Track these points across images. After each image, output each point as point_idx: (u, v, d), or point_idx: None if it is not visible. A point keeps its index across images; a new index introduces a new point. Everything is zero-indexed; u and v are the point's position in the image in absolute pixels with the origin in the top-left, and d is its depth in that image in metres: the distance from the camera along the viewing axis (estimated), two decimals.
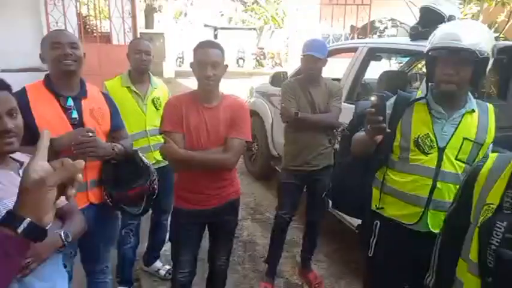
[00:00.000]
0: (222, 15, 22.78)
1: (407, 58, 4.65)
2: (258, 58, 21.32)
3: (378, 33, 8.30)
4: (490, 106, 1.63)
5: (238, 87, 7.51)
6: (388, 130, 1.46)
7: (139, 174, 1.96)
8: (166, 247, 2.85)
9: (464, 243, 1.26)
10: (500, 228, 1.08)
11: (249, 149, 4.93)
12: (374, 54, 3.43)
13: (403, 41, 3.28)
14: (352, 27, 8.36)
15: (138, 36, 6.47)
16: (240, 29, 23.08)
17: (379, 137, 1.50)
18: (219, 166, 1.89)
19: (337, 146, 2.62)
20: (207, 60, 1.78)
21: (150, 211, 2.78)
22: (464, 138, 1.53)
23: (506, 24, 6.00)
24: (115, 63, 4.56)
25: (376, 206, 1.70)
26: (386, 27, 8.42)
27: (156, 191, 2.03)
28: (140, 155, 2.02)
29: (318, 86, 2.58)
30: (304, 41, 2.59)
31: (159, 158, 2.35)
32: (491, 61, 1.49)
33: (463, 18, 4.97)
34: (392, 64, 5.98)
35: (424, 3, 3.09)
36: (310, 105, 2.56)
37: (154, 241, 2.85)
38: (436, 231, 1.46)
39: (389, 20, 8.44)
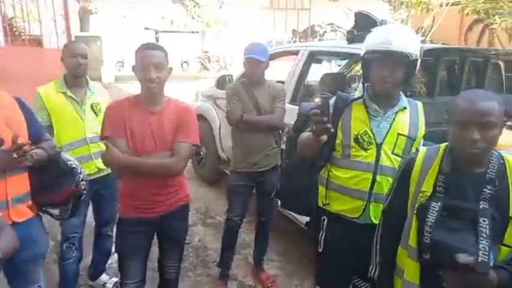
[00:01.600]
0: (163, 18, 22.29)
1: (346, 60, 4.89)
2: (202, 62, 21.14)
3: (318, 37, 8.64)
4: (419, 104, 1.76)
5: (184, 91, 7.38)
6: (333, 130, 1.52)
7: (64, 177, 1.85)
8: (113, 259, 2.72)
9: (403, 233, 1.36)
10: (435, 208, 1.20)
11: (197, 154, 4.87)
12: (315, 57, 3.56)
13: (341, 44, 3.45)
14: (294, 31, 8.62)
15: (73, 39, 6.13)
16: (183, 32, 22.74)
17: (325, 137, 1.54)
18: (166, 171, 1.83)
19: (283, 146, 2.67)
20: (150, 63, 1.73)
21: (94, 222, 2.65)
22: (398, 134, 1.65)
23: (431, 29, 6.54)
24: (48, 68, 4.27)
25: (322, 202, 1.76)
26: (325, 32, 8.79)
27: (84, 192, 1.92)
28: (64, 156, 1.90)
29: (262, 88, 2.62)
30: (246, 44, 2.62)
31: (101, 166, 2.25)
32: (419, 62, 1.61)
33: (393, 23, 5.34)
34: (333, 66, 6.24)
35: (359, 8, 3.28)
36: (255, 107, 2.60)
37: (99, 253, 2.70)
38: (377, 221, 1.55)
39: (328, 25, 8.82)
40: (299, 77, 3.44)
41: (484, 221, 1.15)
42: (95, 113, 2.36)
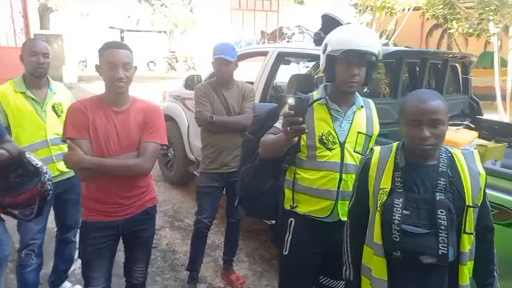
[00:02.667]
0: (129, 17, 21.74)
1: (313, 62, 4.96)
2: (170, 62, 20.81)
3: (286, 39, 8.72)
4: (372, 102, 1.82)
5: (150, 92, 7.23)
6: (307, 130, 1.52)
7: (29, 177, 1.78)
8: (76, 265, 2.62)
9: (368, 231, 1.40)
10: (399, 205, 1.26)
11: (165, 155, 4.78)
12: (283, 58, 3.59)
13: (308, 46, 3.49)
14: (262, 33, 8.66)
15: (32, 37, 5.85)
16: (149, 31, 22.28)
17: (296, 139, 1.54)
18: (132, 172, 1.78)
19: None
20: (118, 62, 1.68)
21: (55, 228, 2.54)
22: (358, 132, 1.69)
23: (394, 32, 6.77)
24: (4, 67, 4.05)
25: (290, 205, 1.74)
26: (293, 33, 8.90)
27: (50, 193, 1.85)
28: (28, 155, 1.82)
29: (231, 89, 2.62)
30: (215, 44, 2.60)
31: (64, 169, 2.16)
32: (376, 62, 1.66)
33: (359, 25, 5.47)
34: (301, 68, 6.32)
35: (325, 11, 3.34)
36: (225, 108, 2.59)
37: (61, 260, 2.58)
38: (345, 219, 1.58)
39: (296, 27, 8.93)
40: (268, 77, 3.45)
41: (441, 212, 1.22)
42: (57, 114, 2.26)
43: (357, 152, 1.69)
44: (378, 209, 1.32)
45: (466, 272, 1.28)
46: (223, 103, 2.58)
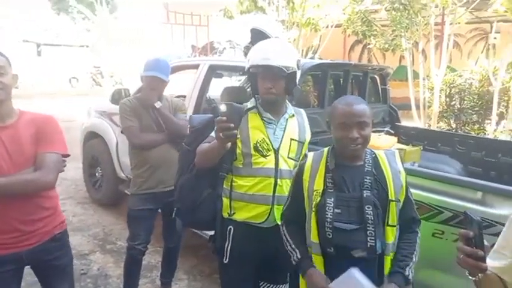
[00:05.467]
0: (46, 30, 20.31)
1: (245, 76, 5.04)
2: (94, 77, 19.71)
3: (218, 53, 8.77)
4: (303, 111, 1.93)
5: (73, 109, 6.78)
6: (238, 136, 1.58)
7: None
8: None
9: (306, 231, 1.46)
10: (331, 204, 1.36)
11: (92, 175, 4.48)
12: (215, 71, 3.60)
13: (239, 59, 3.55)
14: (193, 47, 8.62)
15: None
16: (70, 46, 20.99)
17: (229, 145, 1.58)
18: (32, 187, 1.57)
19: None
20: None
21: None
22: (291, 139, 1.77)
23: (318, 47, 7.17)
24: None
25: (228, 213, 1.77)
26: (224, 48, 8.98)
27: None
28: None
29: (161, 103, 2.51)
30: (147, 59, 2.49)
31: None
32: (298, 74, 1.77)
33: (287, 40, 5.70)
34: (233, 81, 6.40)
35: (253, 25, 3.43)
36: (155, 123, 2.48)
37: None
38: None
39: (227, 42, 9.03)
40: (200, 90, 3.43)
41: (368, 207, 1.34)
42: None
43: (291, 158, 1.76)
44: (313, 209, 1.40)
45: (389, 261, 1.39)
46: (153, 118, 2.47)
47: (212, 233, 1.85)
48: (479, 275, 1.01)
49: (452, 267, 1.71)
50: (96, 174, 4.45)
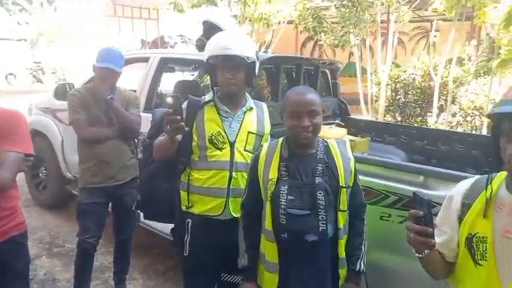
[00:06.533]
0: None
1: (198, 70, 4.97)
2: (34, 74, 18.42)
3: (169, 48, 8.56)
4: (264, 104, 1.95)
5: (12, 108, 6.29)
6: (187, 128, 1.57)
7: None
8: None
9: (262, 220, 1.48)
10: (284, 191, 1.40)
11: (35, 176, 4.20)
12: (166, 64, 3.50)
13: (192, 52, 3.49)
14: (143, 41, 8.35)
15: None
16: (6, 39, 19.46)
17: (179, 137, 1.57)
18: None
19: (140, 156, 2.53)
20: None
21: None
22: (249, 132, 1.77)
23: (270, 43, 7.25)
24: None
25: (185, 206, 1.77)
26: (176, 43, 8.79)
27: None
28: None
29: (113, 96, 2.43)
30: (99, 49, 2.40)
31: None
32: (257, 65, 1.78)
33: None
34: (186, 76, 6.29)
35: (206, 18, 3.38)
36: (105, 115, 2.39)
37: None
38: (238, 215, 1.65)
39: (178, 36, 8.84)
40: (151, 84, 3.33)
41: (320, 193, 1.38)
42: None
43: (248, 151, 1.76)
44: (268, 198, 1.43)
45: (343, 245, 1.46)
46: (103, 110, 2.38)
47: (172, 226, 1.86)
48: (426, 251, 1.07)
49: (398, 248, 1.84)
50: (40, 174, 4.18)
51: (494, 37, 5.62)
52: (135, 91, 3.23)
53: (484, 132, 5.65)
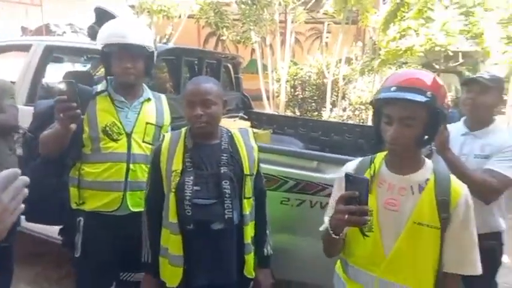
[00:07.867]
0: None
1: (91, 61, 4.59)
2: None
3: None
4: (163, 96, 1.90)
5: None
6: (83, 116, 1.47)
7: None
8: None
9: (164, 213, 1.42)
10: (190, 182, 1.37)
11: None
12: (52, 53, 3.16)
13: (84, 40, 3.20)
14: (24, 29, 7.42)
15: None
16: None
17: (73, 126, 1.44)
18: None
19: (20, 152, 2.24)
20: None
21: None
22: (147, 123, 1.71)
23: (171, 36, 7.06)
24: None
25: (76, 203, 1.65)
26: (64, 32, 8.00)
27: None
28: None
29: None
30: None
31: None
32: (155, 54, 1.73)
33: None
34: (80, 68, 5.77)
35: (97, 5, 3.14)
36: None
37: None
38: (136, 210, 1.59)
39: (67, 25, 8.06)
40: (34, 76, 2.97)
41: (225, 182, 1.39)
42: None
43: (146, 143, 1.70)
44: (172, 190, 1.39)
45: (249, 231, 1.48)
46: None
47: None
48: (343, 232, 1.12)
49: (296, 229, 1.98)
50: None
51: (376, 39, 6.32)
52: (14, 83, 2.86)
53: (370, 124, 6.35)
